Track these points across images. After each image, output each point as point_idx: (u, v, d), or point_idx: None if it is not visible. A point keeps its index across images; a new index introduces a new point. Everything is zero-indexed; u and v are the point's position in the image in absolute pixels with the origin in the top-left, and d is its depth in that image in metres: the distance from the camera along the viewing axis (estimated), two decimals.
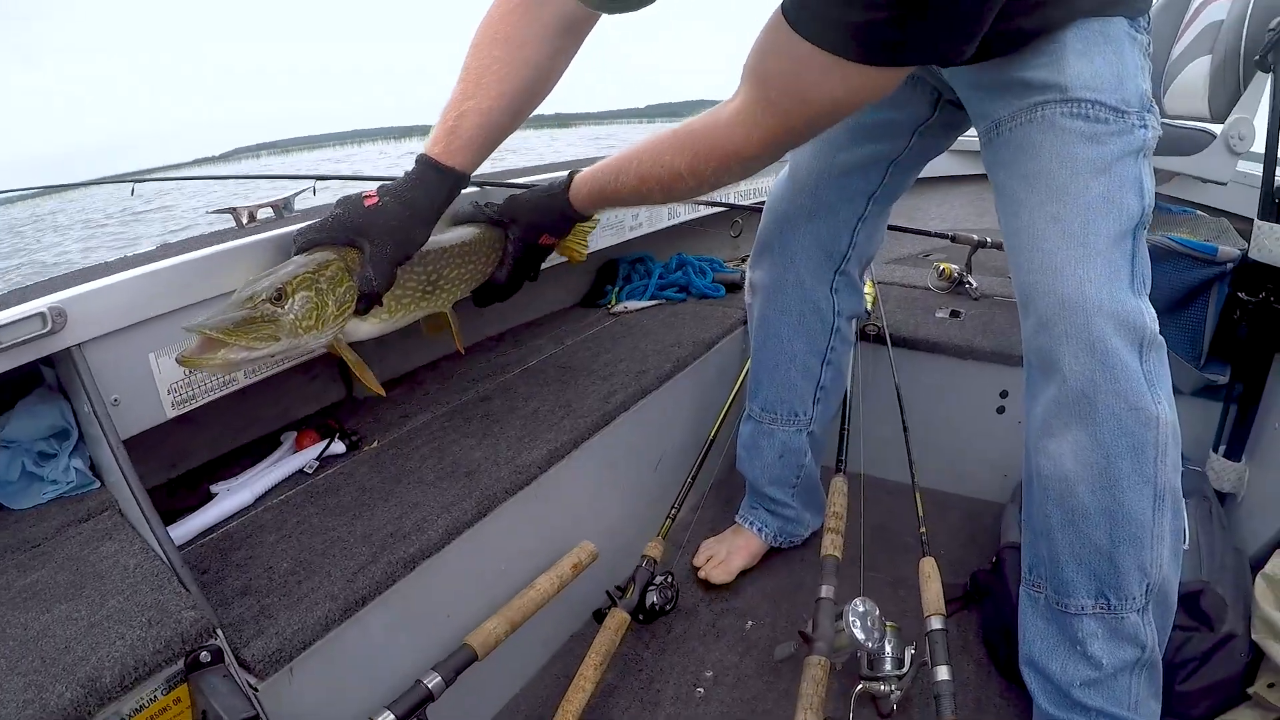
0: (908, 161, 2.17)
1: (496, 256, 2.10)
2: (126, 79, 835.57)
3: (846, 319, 2.39)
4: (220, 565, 1.65)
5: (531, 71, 1.85)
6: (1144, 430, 1.61)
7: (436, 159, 1.80)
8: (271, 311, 1.55)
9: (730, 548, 2.59)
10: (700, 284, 3.29)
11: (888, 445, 2.67)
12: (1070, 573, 1.73)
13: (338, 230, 1.75)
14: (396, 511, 1.80)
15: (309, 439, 2.11)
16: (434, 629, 1.81)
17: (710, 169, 1.69)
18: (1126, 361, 1.59)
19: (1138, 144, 1.66)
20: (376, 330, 1.86)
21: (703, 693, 2.11)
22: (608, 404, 2.28)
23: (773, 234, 2.30)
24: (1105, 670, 1.72)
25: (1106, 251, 1.61)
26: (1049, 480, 1.72)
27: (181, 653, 1.28)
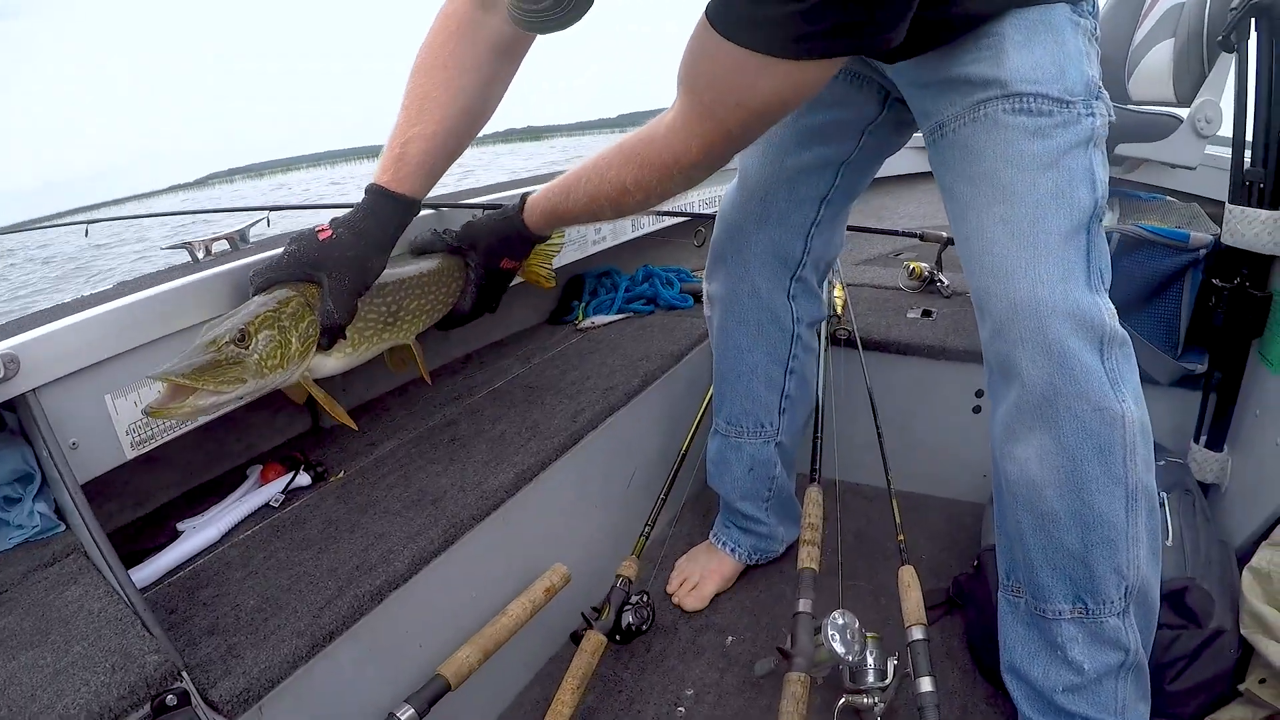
0: (860, 162, 2.14)
1: (458, 285, 2.09)
2: (97, 107, 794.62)
3: (807, 325, 2.37)
4: (187, 604, 1.63)
5: (472, 95, 1.86)
6: (1109, 430, 1.59)
7: (386, 186, 1.81)
8: (235, 353, 1.53)
9: (704, 570, 2.57)
10: (667, 295, 3.28)
11: (863, 451, 2.64)
12: (1045, 577, 1.72)
13: (294, 266, 1.74)
14: (363, 543, 1.78)
15: (274, 472, 2.09)
16: (405, 661, 1.79)
17: (654, 181, 1.69)
18: (1086, 361, 1.57)
19: (1085, 134, 1.62)
20: (342, 365, 1.85)
21: (684, 712, 2.09)
22: (575, 423, 2.27)
23: (725, 244, 2.28)
24: (1088, 675, 1.70)
25: (1059, 250, 1.59)
26: (1016, 486, 1.71)
27: (147, 697, 1.26)
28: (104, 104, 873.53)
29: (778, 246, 2.21)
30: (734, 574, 2.59)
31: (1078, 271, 1.60)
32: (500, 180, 3.16)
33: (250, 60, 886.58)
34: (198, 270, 1.96)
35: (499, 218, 2.05)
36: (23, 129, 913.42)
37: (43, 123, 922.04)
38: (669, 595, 2.53)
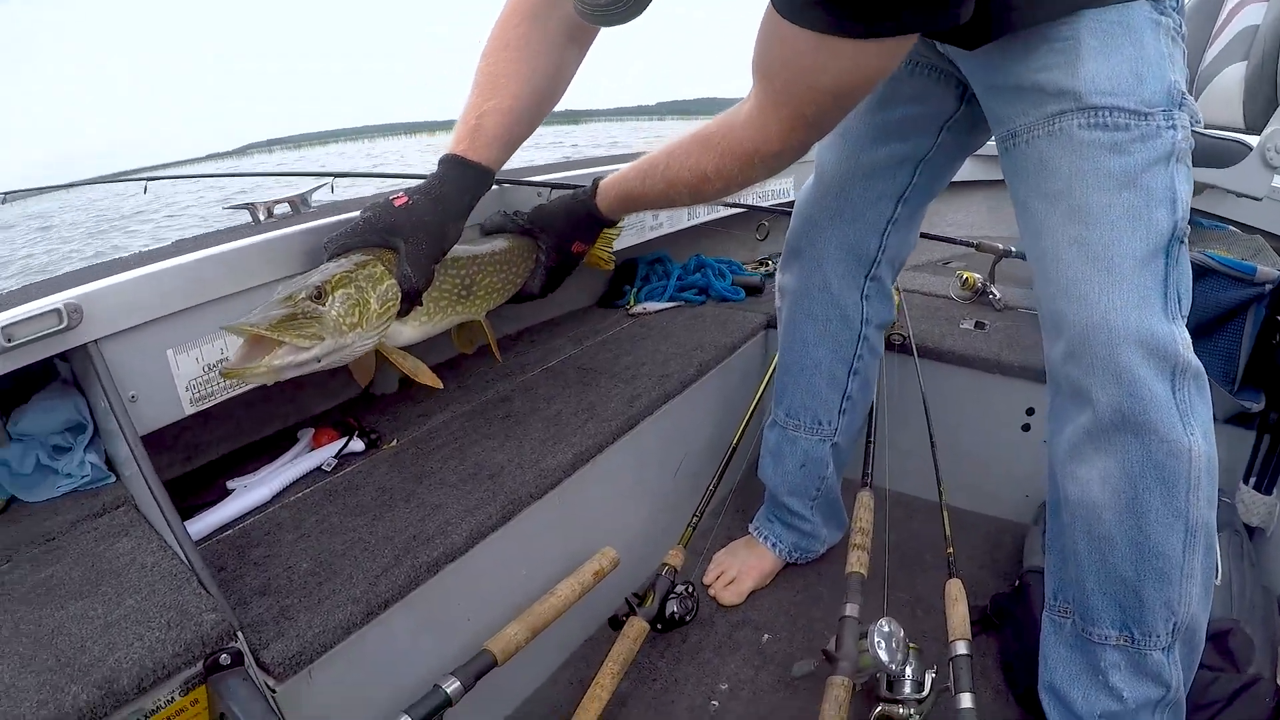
0: (938, 160, 2.09)
1: (528, 266, 2.09)
2: (134, 77, 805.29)
3: (875, 328, 2.33)
4: (238, 563, 1.63)
5: (543, 75, 1.87)
6: (1174, 463, 1.56)
7: (463, 156, 1.81)
8: (312, 308, 1.53)
9: (742, 566, 2.55)
10: (720, 286, 3.26)
11: (910, 459, 2.62)
12: (1096, 600, 1.70)
13: (369, 232, 1.75)
14: (419, 513, 1.78)
15: (327, 436, 2.08)
16: (454, 633, 1.78)
17: (736, 169, 1.68)
18: (1156, 391, 1.54)
19: (1165, 148, 1.55)
20: (417, 335, 1.86)
21: (717, 705, 2.08)
22: (631, 407, 2.25)
23: (800, 237, 2.25)
24: (1127, 705, 1.69)
25: (1133, 275, 1.54)
26: (1076, 506, 1.69)
27: (201, 655, 1.26)
28: (137, 72, 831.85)
29: (852, 243, 2.18)
30: (773, 571, 2.57)
31: (1154, 298, 1.55)
32: (556, 160, 3.14)
33: (289, 31, 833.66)
34: (259, 232, 1.95)
35: (571, 200, 2.05)
36: (53, 99, 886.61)
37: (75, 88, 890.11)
38: (705, 587, 2.51)
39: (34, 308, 1.51)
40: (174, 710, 1.25)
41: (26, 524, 1.59)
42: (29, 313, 1.50)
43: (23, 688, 1.13)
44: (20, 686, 1.14)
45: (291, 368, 1.50)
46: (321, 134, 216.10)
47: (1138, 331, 1.52)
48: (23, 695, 1.12)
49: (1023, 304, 3.19)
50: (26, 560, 1.46)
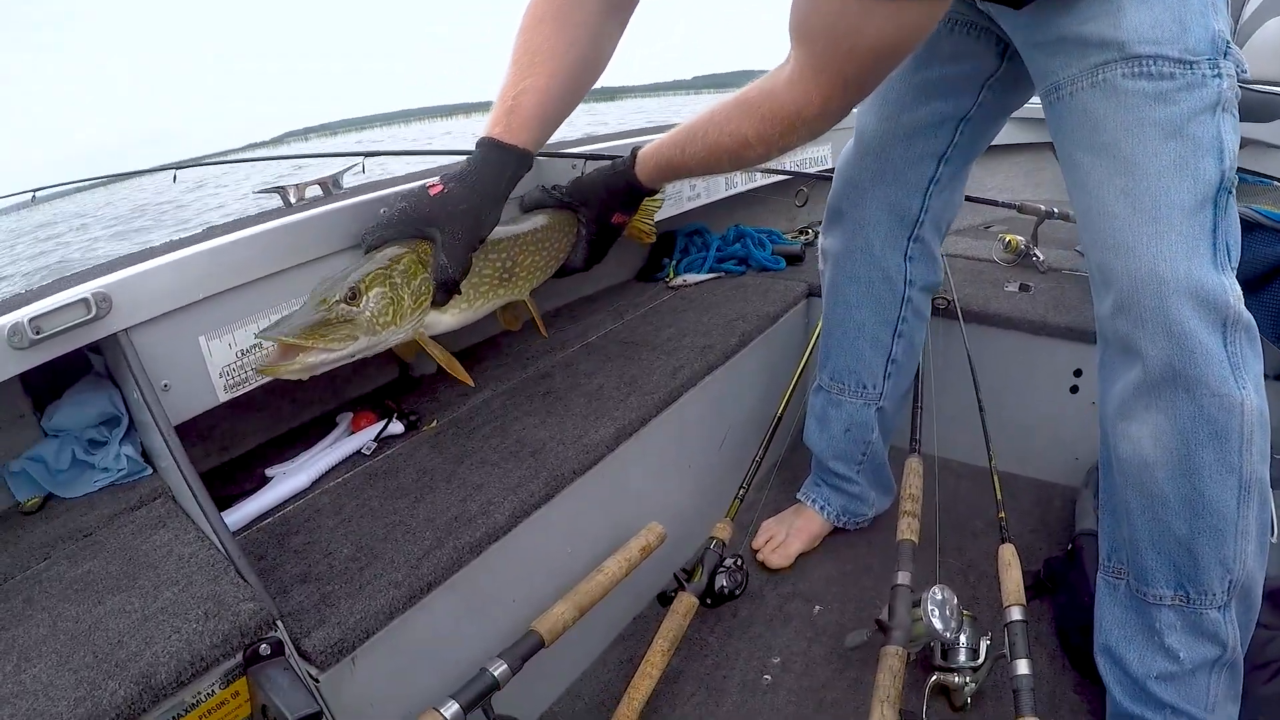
0: (980, 119, 2.06)
1: (569, 240, 2.08)
2: (170, 72, 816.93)
3: (920, 290, 2.30)
4: (278, 552, 1.61)
5: (582, 49, 1.84)
6: (1227, 417, 1.54)
7: (499, 139, 1.79)
8: (347, 311, 1.56)
9: (790, 529, 2.53)
10: (760, 256, 3.23)
11: (957, 424, 2.60)
12: (1149, 560, 1.68)
13: (405, 224, 1.75)
14: (460, 493, 1.76)
15: (365, 419, 2.07)
16: (500, 615, 1.76)
17: (778, 134, 1.65)
18: (1207, 344, 1.51)
19: (1212, 97, 1.52)
20: (456, 322, 1.85)
21: (770, 680, 2.06)
22: (674, 380, 2.23)
23: (842, 199, 2.23)
24: (1184, 665, 1.66)
25: (1182, 224, 1.51)
26: (1127, 464, 1.66)
27: (240, 646, 1.24)
28: (174, 67, 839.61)
29: (894, 204, 2.15)
30: (821, 533, 2.56)
31: (1203, 248, 1.52)
32: (589, 134, 3.10)
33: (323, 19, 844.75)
34: (290, 214, 1.94)
35: (609, 172, 2.03)
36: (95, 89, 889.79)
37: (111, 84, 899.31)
38: (754, 552, 2.50)
39: (62, 299, 1.49)
40: (215, 703, 1.24)
41: (64, 520, 1.58)
42: (57, 304, 1.48)
43: (60, 686, 1.12)
44: (58, 685, 1.12)
45: (326, 364, 1.54)
46: (357, 119, 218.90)
47: (1187, 282, 1.49)
48: (60, 694, 1.11)
49: (1067, 265, 3.16)
50: (64, 557, 1.45)
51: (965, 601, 1.89)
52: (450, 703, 1.47)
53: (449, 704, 1.47)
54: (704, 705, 2.00)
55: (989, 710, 1.93)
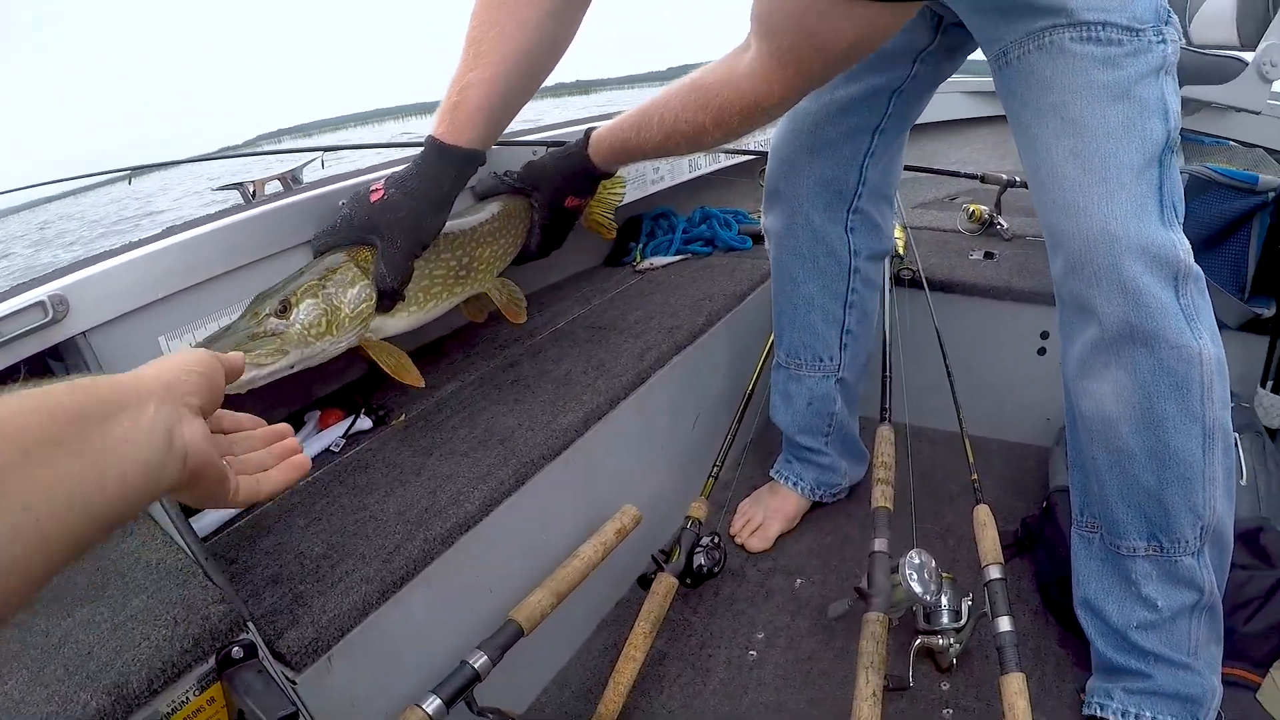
0: (912, 90, 2.08)
1: (525, 226, 2.07)
2: (143, 76, 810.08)
3: (867, 259, 2.33)
4: (249, 554, 1.59)
5: (535, 33, 1.77)
6: (1187, 368, 1.57)
7: (441, 139, 1.75)
8: (276, 326, 1.55)
9: (767, 510, 2.54)
10: (726, 236, 3.23)
11: (928, 392, 2.60)
12: (1120, 514, 1.71)
13: (347, 230, 1.74)
14: (430, 485, 1.74)
15: (333, 417, 2.05)
16: (477, 605, 1.75)
17: (737, 121, 1.65)
18: (1161, 298, 1.54)
19: (1157, 61, 1.56)
20: (409, 324, 1.84)
21: (755, 655, 2.07)
22: (642, 361, 2.22)
23: (779, 177, 2.24)
24: (1162, 613, 1.70)
25: (1131, 184, 1.54)
26: (1091, 422, 1.70)
27: (212, 650, 1.22)
28: (146, 71, 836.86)
29: (831, 179, 2.17)
30: (798, 512, 2.57)
31: (1151, 206, 1.56)
32: (555, 120, 3.09)
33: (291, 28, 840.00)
34: (250, 210, 1.92)
35: (562, 155, 2.01)
36: (67, 95, 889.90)
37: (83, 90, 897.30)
38: (732, 537, 2.50)
39: (17, 303, 1.49)
40: (191, 710, 1.22)
41: None
42: (12, 308, 1.47)
43: (32, 701, 1.10)
44: (29, 700, 1.11)
45: (260, 379, 1.54)
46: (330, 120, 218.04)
47: (1138, 239, 1.53)
48: (32, 709, 1.09)
49: (1030, 232, 3.20)
50: None
51: (944, 564, 1.90)
52: (432, 698, 1.47)
53: (430, 699, 1.46)
54: (691, 685, 2.00)
55: (975, 669, 1.96)
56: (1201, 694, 1.71)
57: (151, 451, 0.80)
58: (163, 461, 0.81)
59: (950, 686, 1.93)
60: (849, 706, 1.64)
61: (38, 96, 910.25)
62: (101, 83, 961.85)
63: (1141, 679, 1.73)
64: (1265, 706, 1.82)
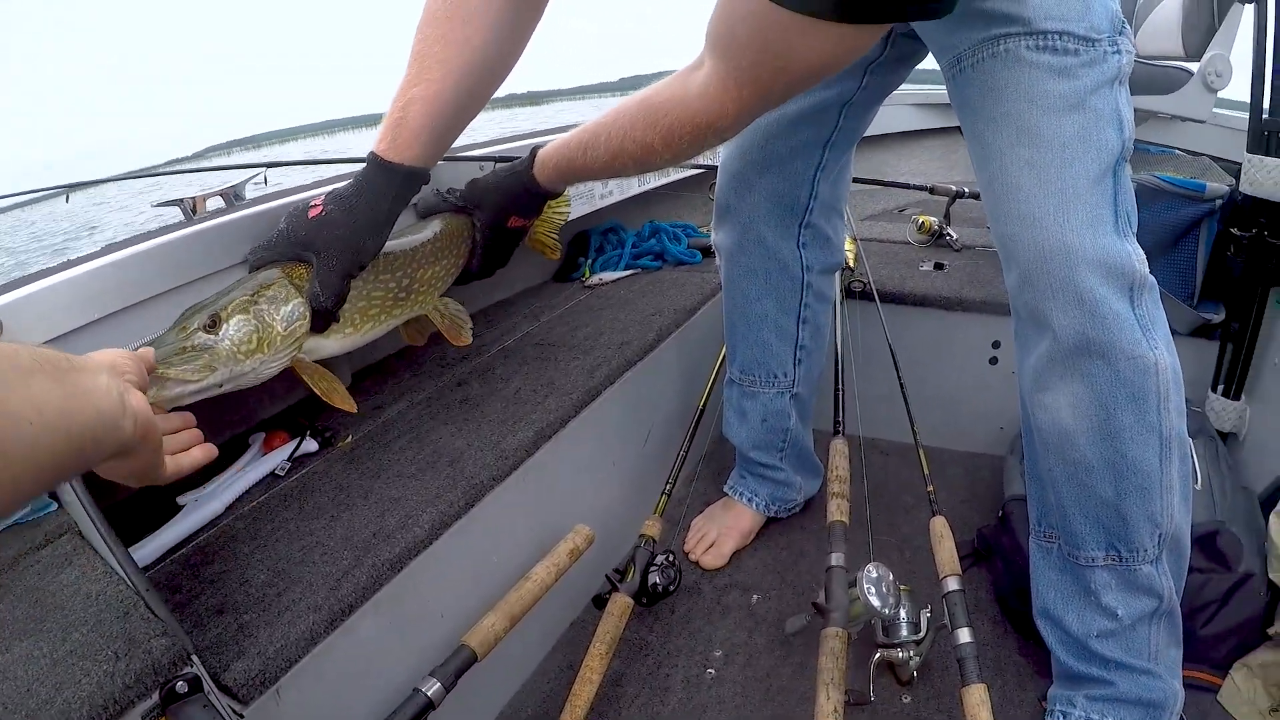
0: (862, 102, 2.05)
1: (467, 246, 2.01)
2: (88, 87, 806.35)
3: (820, 273, 2.30)
4: (193, 583, 1.55)
5: (480, 49, 1.71)
6: (1143, 378, 1.58)
7: (383, 156, 1.69)
8: (204, 341, 1.47)
9: (721, 527, 2.52)
10: (676, 250, 3.23)
11: (881, 404, 2.61)
12: (1079, 525, 1.71)
13: (283, 246, 1.67)
14: (378, 509, 1.70)
15: (279, 439, 2.00)
16: (428, 631, 1.72)
17: (687, 142, 1.57)
18: (1117, 309, 1.55)
19: (1111, 72, 1.57)
20: (343, 346, 1.77)
21: (714, 673, 2.05)
22: (592, 379, 2.19)
23: (729, 194, 2.21)
24: (1122, 621, 1.70)
25: (1086, 194, 1.55)
26: (1048, 435, 1.70)
27: (155, 685, 1.17)
28: (92, 82, 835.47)
29: (781, 193, 2.15)
30: (753, 528, 2.55)
31: (1106, 217, 1.56)
32: (497, 135, 3.07)
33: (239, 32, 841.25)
34: (190, 226, 1.88)
35: (507, 173, 1.94)
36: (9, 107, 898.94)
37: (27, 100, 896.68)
38: (686, 554, 2.48)
39: None
40: None
41: None
42: None
43: None
44: None
45: (186, 396, 1.45)
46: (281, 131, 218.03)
47: (1094, 251, 1.53)
48: None
49: (980, 242, 3.24)
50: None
51: (902, 576, 1.89)
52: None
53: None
54: (649, 706, 1.98)
55: (936, 681, 1.96)
56: (1164, 699, 1.71)
57: (109, 404, 0.92)
58: (118, 418, 0.94)
59: (912, 699, 1.92)
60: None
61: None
62: (45, 92, 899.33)
63: (1103, 686, 1.73)
64: (1226, 707, 1.83)
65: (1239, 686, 1.83)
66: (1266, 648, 1.86)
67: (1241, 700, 1.82)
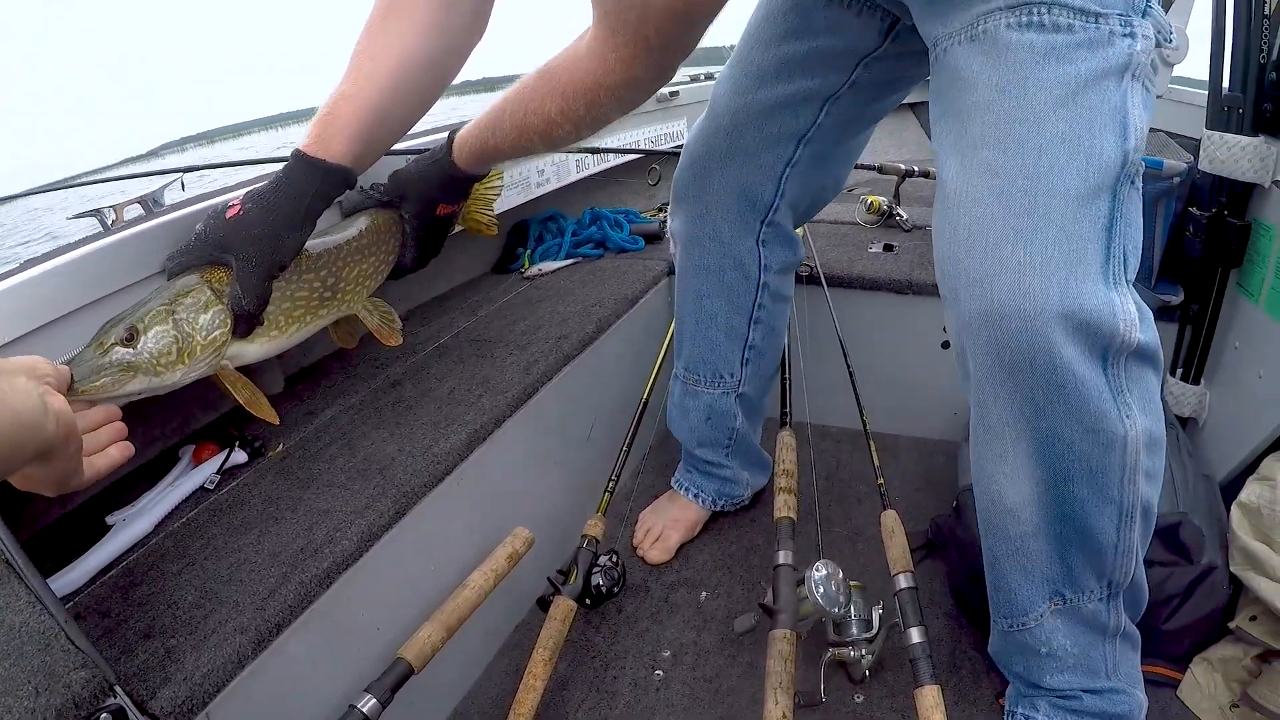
0: (851, 100, 1.91)
1: (396, 241, 1.96)
2: (37, 83, 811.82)
3: (778, 273, 2.20)
4: (122, 606, 1.49)
5: (414, 45, 1.66)
6: (1104, 454, 1.36)
7: (305, 151, 1.63)
8: (123, 356, 1.43)
9: (667, 521, 2.47)
10: (617, 237, 3.19)
11: (830, 391, 2.58)
12: (1023, 593, 1.59)
13: (202, 249, 1.60)
14: (306, 522, 1.65)
15: (208, 451, 1.94)
16: (363, 646, 1.67)
17: (582, 109, 1.53)
18: (1081, 375, 1.29)
19: (1118, 59, 1.28)
20: (269, 350, 1.72)
21: (662, 675, 2.02)
22: (528, 375, 2.15)
23: (687, 180, 2.10)
24: (1072, 653, 1.61)
25: (1063, 218, 1.25)
26: (989, 513, 1.56)
27: (78, 719, 1.13)
28: (41, 78, 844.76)
29: (744, 187, 2.03)
30: (699, 522, 2.50)
31: (1090, 253, 1.27)
32: (423, 127, 3.02)
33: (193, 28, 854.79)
34: (109, 237, 1.83)
35: (427, 161, 1.89)
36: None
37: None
38: (634, 549, 2.44)
39: None
40: None
41: None
42: None
43: None
44: None
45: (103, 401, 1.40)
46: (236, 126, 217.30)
47: (1062, 300, 1.25)
48: None
49: (930, 222, 3.15)
50: None
51: (855, 571, 1.87)
52: None
53: None
54: (595, 710, 1.95)
55: (890, 679, 1.92)
56: (1128, 710, 1.63)
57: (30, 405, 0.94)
58: (39, 419, 0.95)
59: (864, 699, 1.89)
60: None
61: None
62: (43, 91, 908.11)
63: (1066, 699, 1.65)
64: (1185, 702, 1.80)
65: (1199, 681, 1.81)
66: (1227, 642, 1.83)
67: (1202, 695, 1.79)
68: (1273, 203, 2.03)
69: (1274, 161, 1.99)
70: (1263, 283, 2.07)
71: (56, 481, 1.10)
